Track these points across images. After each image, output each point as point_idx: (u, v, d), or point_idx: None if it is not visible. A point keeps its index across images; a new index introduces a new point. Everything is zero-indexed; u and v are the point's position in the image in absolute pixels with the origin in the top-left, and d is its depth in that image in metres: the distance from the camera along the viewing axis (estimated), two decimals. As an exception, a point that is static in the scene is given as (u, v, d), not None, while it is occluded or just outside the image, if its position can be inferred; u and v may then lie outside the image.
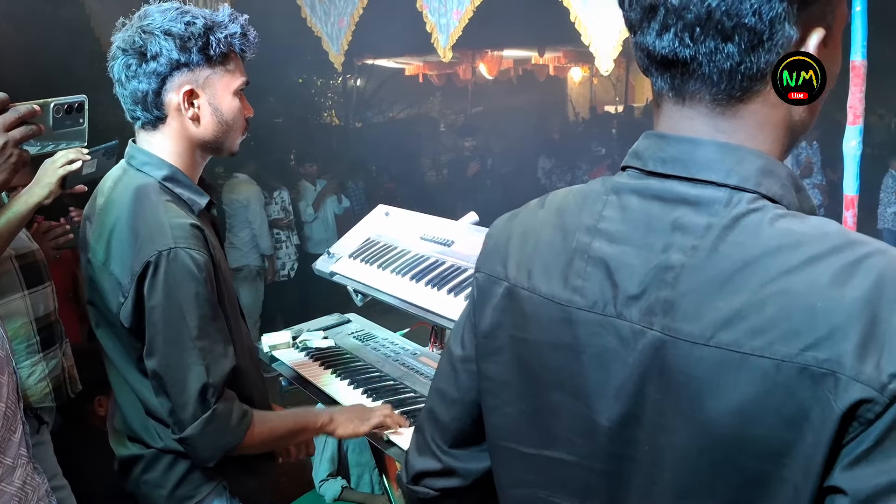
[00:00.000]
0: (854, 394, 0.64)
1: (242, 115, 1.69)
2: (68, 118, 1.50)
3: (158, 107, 1.60)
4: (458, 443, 1.01)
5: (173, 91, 1.58)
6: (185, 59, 1.56)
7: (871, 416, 0.64)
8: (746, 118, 0.77)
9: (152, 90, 1.57)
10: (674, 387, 0.74)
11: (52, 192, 2.02)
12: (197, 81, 1.60)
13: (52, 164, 2.03)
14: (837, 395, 0.65)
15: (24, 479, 1.32)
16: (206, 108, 1.62)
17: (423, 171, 9.44)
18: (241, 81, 1.66)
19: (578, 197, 0.88)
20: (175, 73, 1.57)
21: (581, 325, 0.81)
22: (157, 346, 1.52)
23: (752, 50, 0.73)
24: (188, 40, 1.55)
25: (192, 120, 1.62)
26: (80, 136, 1.55)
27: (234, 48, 1.63)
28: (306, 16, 4.79)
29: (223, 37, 1.59)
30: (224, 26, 1.60)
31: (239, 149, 1.74)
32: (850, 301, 0.66)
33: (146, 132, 1.65)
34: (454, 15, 4.03)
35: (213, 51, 1.58)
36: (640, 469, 0.79)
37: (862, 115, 2.32)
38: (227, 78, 1.63)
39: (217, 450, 1.56)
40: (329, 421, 1.81)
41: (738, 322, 0.70)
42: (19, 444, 1.33)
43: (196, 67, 1.58)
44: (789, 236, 0.71)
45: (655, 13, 0.75)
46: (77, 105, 1.51)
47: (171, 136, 1.64)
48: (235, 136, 1.70)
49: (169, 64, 1.56)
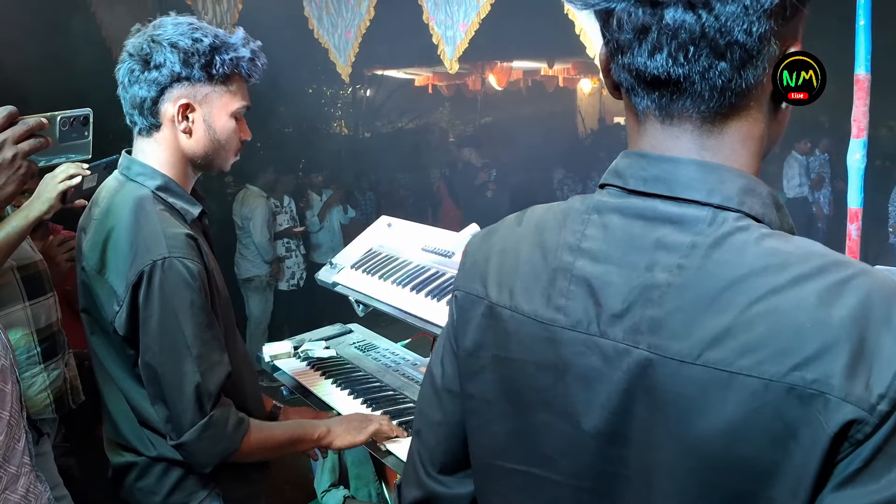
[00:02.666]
0: (844, 414, 0.64)
1: (237, 136, 1.70)
2: (74, 131, 1.53)
3: (154, 115, 1.62)
4: (446, 467, 1.00)
5: (170, 101, 1.61)
6: (186, 72, 1.58)
7: (860, 436, 0.65)
8: (731, 134, 0.78)
9: (150, 98, 1.60)
10: (661, 405, 0.73)
11: (53, 206, 2.04)
12: (195, 96, 1.62)
13: (52, 179, 2.04)
14: (828, 416, 0.65)
15: (28, 487, 1.34)
16: (200, 123, 1.64)
17: (431, 181, 9.45)
18: (241, 105, 1.68)
19: (559, 215, 0.88)
20: (175, 85, 1.59)
21: (565, 344, 0.81)
22: (153, 354, 1.53)
23: (743, 67, 0.74)
24: (192, 55, 1.58)
25: (183, 133, 1.64)
26: (85, 148, 1.57)
27: (240, 71, 1.65)
28: (313, 27, 4.82)
29: (229, 58, 1.61)
30: (233, 48, 1.63)
31: (230, 168, 1.75)
32: (838, 321, 0.66)
33: (142, 138, 1.67)
34: (461, 27, 4.04)
35: (216, 70, 1.60)
36: (631, 487, 0.78)
37: (866, 128, 2.32)
38: (226, 98, 1.65)
39: (214, 456, 1.58)
40: (326, 433, 1.81)
41: (727, 340, 0.70)
42: (23, 453, 1.34)
43: (197, 83, 1.60)
44: (776, 256, 0.71)
45: (647, 34, 0.75)
46: (82, 118, 1.54)
47: (163, 145, 1.66)
48: (227, 155, 1.71)
49: (170, 75, 1.58)
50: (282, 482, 3.91)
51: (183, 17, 1.63)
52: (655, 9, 0.73)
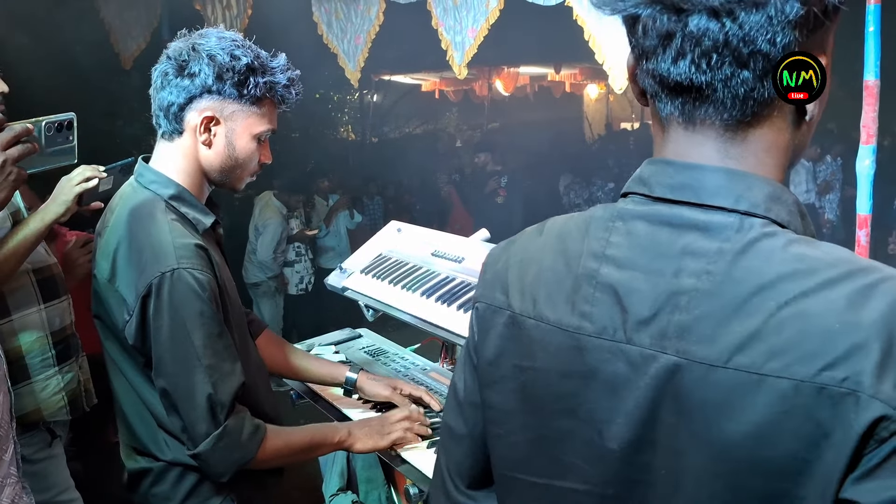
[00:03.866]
0: (874, 411, 0.65)
1: (256, 158, 1.71)
2: (59, 136, 1.55)
3: (178, 121, 1.64)
4: (475, 482, 1.00)
5: (196, 111, 1.62)
6: (217, 86, 1.60)
7: (885, 434, 0.66)
8: (755, 143, 0.78)
9: (178, 104, 1.61)
10: (688, 410, 0.74)
11: (69, 209, 2.05)
12: (222, 111, 1.63)
13: (68, 182, 2.06)
14: (858, 414, 0.66)
15: (13, 497, 1.34)
16: (222, 138, 1.65)
17: (439, 186, 9.47)
18: (267, 129, 1.69)
19: (581, 223, 0.88)
20: (204, 96, 1.61)
21: (590, 351, 0.81)
22: (165, 366, 1.54)
23: (765, 76, 0.74)
24: (227, 71, 1.59)
25: (203, 144, 1.65)
26: (71, 153, 1.59)
27: (273, 96, 1.67)
28: (323, 33, 4.84)
29: (263, 81, 1.62)
30: (270, 72, 1.64)
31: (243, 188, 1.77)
32: (868, 323, 0.67)
33: (164, 141, 1.69)
34: (469, 33, 4.06)
35: (248, 90, 1.61)
36: (656, 493, 0.78)
37: (875, 134, 2.32)
38: (253, 119, 1.66)
39: (230, 465, 1.58)
40: (347, 436, 1.81)
41: (755, 344, 0.70)
42: (10, 464, 1.34)
43: (226, 98, 1.62)
44: (803, 261, 0.72)
45: (672, 40, 0.76)
46: (66, 123, 1.56)
47: (183, 152, 1.67)
48: (242, 175, 1.73)
49: (201, 86, 1.60)
50: (289, 487, 3.91)
51: (230, 33, 1.65)
52: (680, 16, 0.74)
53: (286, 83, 1.67)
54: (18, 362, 2.17)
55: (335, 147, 9.73)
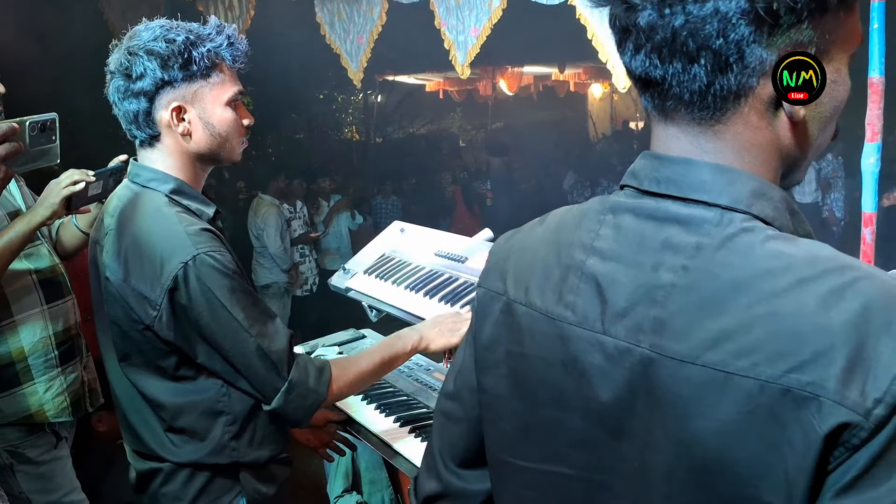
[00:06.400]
0: (837, 417, 0.64)
1: (238, 124, 1.69)
2: (42, 136, 1.56)
3: (150, 125, 1.62)
4: (466, 462, 1.02)
5: (162, 109, 1.61)
6: (168, 76, 1.58)
7: (856, 441, 0.64)
8: (729, 139, 0.78)
9: (143, 109, 1.60)
10: (660, 405, 0.74)
11: (56, 212, 2.04)
12: (185, 97, 1.61)
13: (56, 185, 2.05)
14: (821, 419, 0.65)
15: None
16: (197, 122, 1.64)
17: (443, 186, 9.47)
18: (233, 92, 1.66)
19: (577, 215, 0.90)
20: (161, 92, 1.59)
21: (573, 340, 0.82)
22: (218, 347, 1.56)
23: (720, 72, 0.74)
24: (169, 58, 1.57)
25: (183, 135, 1.64)
26: (54, 153, 1.60)
27: (222, 60, 1.64)
28: (325, 33, 4.83)
29: (206, 50, 1.60)
30: (209, 39, 1.61)
31: (242, 156, 1.75)
32: (837, 325, 0.66)
33: (145, 150, 1.68)
34: (472, 32, 4.05)
35: (196, 65, 1.59)
36: (629, 485, 0.79)
37: (880, 131, 2.30)
38: (215, 90, 1.64)
39: (307, 410, 1.65)
40: (419, 340, 1.84)
41: (725, 342, 0.70)
42: None
43: (181, 84, 1.60)
44: (780, 259, 0.71)
45: (629, 34, 0.77)
46: (49, 122, 1.56)
47: (167, 152, 1.66)
48: (233, 145, 1.70)
49: (154, 83, 1.58)
50: (295, 487, 3.92)
51: (155, 21, 1.63)
52: (630, 12, 0.75)
53: (228, 42, 1.64)
54: (21, 363, 2.17)
55: (338, 148, 9.72)
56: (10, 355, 2.17)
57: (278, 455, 1.76)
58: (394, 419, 2.05)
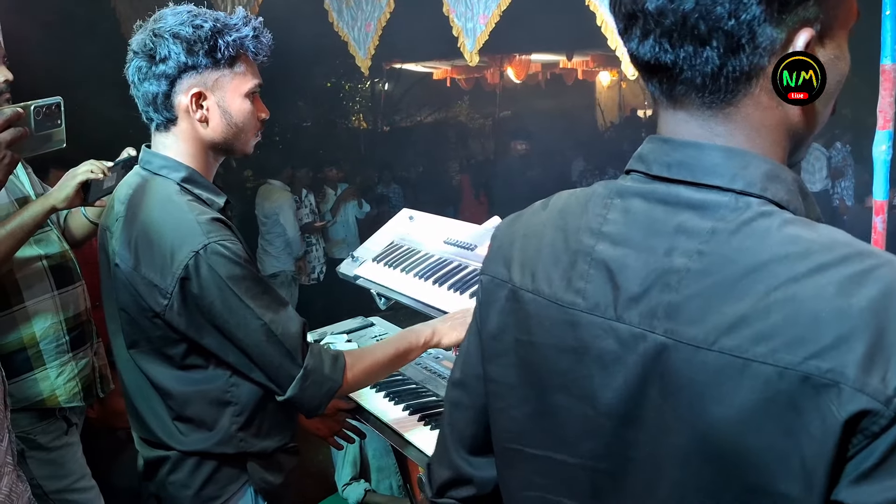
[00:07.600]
0: (857, 404, 0.63)
1: (255, 117, 1.69)
2: (48, 120, 1.56)
3: (169, 108, 1.62)
4: (476, 449, 1.01)
5: (182, 93, 1.61)
6: (192, 61, 1.58)
7: (876, 429, 0.64)
8: (740, 122, 0.77)
9: (162, 92, 1.60)
10: (675, 391, 0.73)
11: (68, 196, 2.07)
12: (206, 84, 1.61)
13: (72, 173, 2.09)
14: (840, 406, 0.64)
15: (11, 486, 1.34)
16: (215, 109, 1.64)
17: (451, 174, 9.45)
18: (253, 84, 1.67)
19: (582, 199, 0.88)
20: (183, 76, 1.59)
21: (584, 327, 0.81)
22: (231, 336, 1.57)
23: (732, 53, 0.73)
24: (195, 43, 1.57)
25: (200, 122, 1.64)
26: (60, 137, 1.60)
27: (245, 51, 1.64)
28: (333, 20, 4.81)
29: (232, 40, 1.60)
30: (235, 29, 1.61)
31: (253, 150, 1.75)
32: (857, 312, 0.65)
33: (160, 133, 1.68)
34: (481, 19, 4.03)
35: (220, 53, 1.59)
36: (641, 471, 0.78)
37: (892, 119, 2.28)
38: (237, 80, 1.64)
39: (322, 398, 1.65)
40: (432, 335, 1.84)
41: (743, 328, 0.69)
42: (6, 453, 1.34)
43: (204, 70, 1.60)
44: (798, 243, 0.70)
45: (636, 21, 0.76)
46: (54, 106, 1.56)
47: (182, 137, 1.66)
48: (247, 137, 1.71)
49: (177, 67, 1.58)
50: (303, 476, 3.94)
51: (182, 6, 1.63)
52: None
53: (254, 34, 1.64)
54: (33, 348, 2.19)
55: (346, 136, 9.72)
56: (22, 341, 2.18)
57: (285, 445, 1.76)
58: (403, 407, 2.05)
